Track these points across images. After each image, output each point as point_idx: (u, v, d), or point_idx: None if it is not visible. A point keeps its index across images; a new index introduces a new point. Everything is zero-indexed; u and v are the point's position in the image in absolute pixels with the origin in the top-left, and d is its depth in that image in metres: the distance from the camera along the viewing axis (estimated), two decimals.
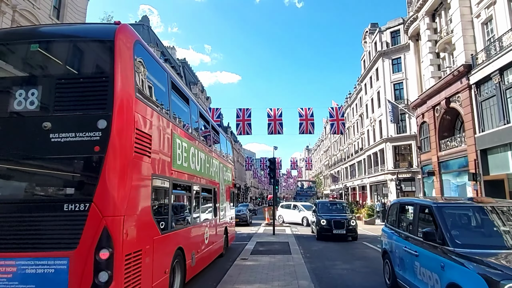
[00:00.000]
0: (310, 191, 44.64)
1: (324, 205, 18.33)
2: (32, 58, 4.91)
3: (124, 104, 4.40)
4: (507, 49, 16.75)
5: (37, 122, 4.28)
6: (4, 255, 4.00)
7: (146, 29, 42.29)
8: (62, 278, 3.92)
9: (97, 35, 5.03)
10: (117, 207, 4.16)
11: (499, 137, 17.83)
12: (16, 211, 4.25)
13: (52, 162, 4.38)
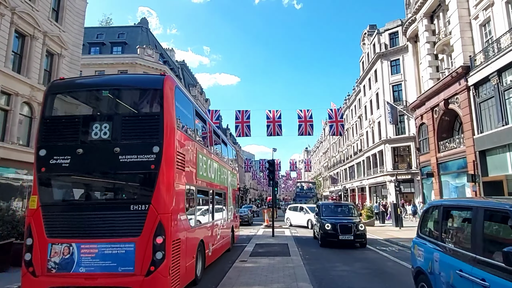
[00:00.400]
0: (310, 192, 43.46)
1: (328, 207, 16.43)
2: (104, 101, 6.80)
3: (169, 134, 6.13)
4: (505, 51, 16.79)
5: (110, 147, 6.01)
6: (89, 241, 5.68)
7: (145, 31, 42.30)
8: (130, 257, 5.58)
9: (149, 85, 6.91)
10: (167, 207, 5.92)
11: (497, 138, 17.85)
12: (98, 209, 6.07)
13: (121, 176, 6.29)
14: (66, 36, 18.92)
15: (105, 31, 41.67)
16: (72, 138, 6.26)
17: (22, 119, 16.33)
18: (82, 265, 5.64)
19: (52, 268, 5.68)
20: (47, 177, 6.20)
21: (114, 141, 6.08)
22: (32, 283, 5.68)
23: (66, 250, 5.71)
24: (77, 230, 5.85)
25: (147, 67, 37.65)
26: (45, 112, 6.55)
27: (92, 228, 5.83)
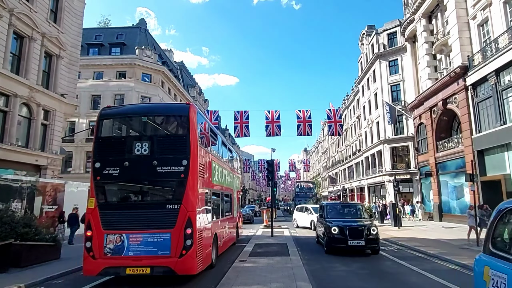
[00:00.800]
0: (309, 192, 42.89)
1: (334, 208, 14.17)
2: (143, 125, 8.80)
3: (194, 150, 7.87)
4: (503, 50, 16.86)
5: (149, 161, 7.79)
6: (135, 232, 7.42)
7: (143, 32, 42.26)
8: (167, 243, 7.33)
9: (178, 112, 9.04)
10: (194, 206, 7.68)
11: (496, 138, 17.92)
12: (141, 207, 7.99)
13: (158, 183, 8.20)
14: (64, 37, 18.91)
15: (104, 32, 41.63)
16: (120, 154, 8.08)
17: (20, 120, 16.31)
18: (130, 250, 7.37)
19: (108, 253, 7.41)
20: (101, 183, 7.95)
21: (152, 155, 7.85)
22: (92, 264, 7.43)
23: (118, 239, 7.46)
24: (126, 223, 7.60)
25: (146, 67, 37.64)
26: (98, 133, 8.42)
27: (138, 222, 7.57)
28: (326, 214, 13.21)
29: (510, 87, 17.02)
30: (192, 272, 7.47)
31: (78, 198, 17.82)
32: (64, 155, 21.93)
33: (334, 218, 12.56)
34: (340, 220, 12.21)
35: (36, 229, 9.71)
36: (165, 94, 41.01)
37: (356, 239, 11.09)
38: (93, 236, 7.49)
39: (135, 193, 8.42)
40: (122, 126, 9.24)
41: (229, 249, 12.35)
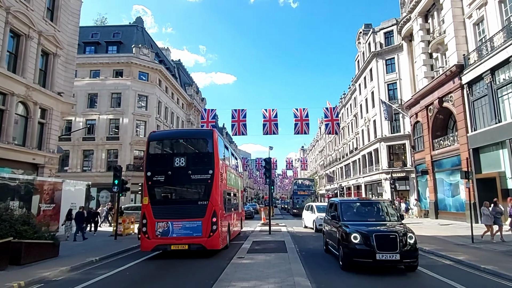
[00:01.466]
0: (308, 190, 40.69)
1: (350, 206, 10.20)
2: (180, 145, 12.46)
3: (216, 164, 11.29)
4: (498, 49, 17.00)
5: (185, 170, 11.12)
6: (177, 220, 10.70)
7: (140, 30, 42.15)
8: (199, 228, 10.64)
9: (205, 135, 12.43)
10: (217, 202, 11.05)
11: (491, 136, 18.08)
12: (181, 203, 11.33)
13: (192, 186, 11.55)
14: (61, 36, 18.87)
15: (100, 30, 41.49)
16: (164, 166, 11.40)
17: (17, 119, 16.29)
18: (174, 233, 10.73)
19: (158, 235, 10.74)
20: (152, 187, 11.25)
21: (188, 167, 11.21)
22: (147, 242, 10.71)
23: (165, 225, 10.79)
24: (170, 215, 10.90)
25: (143, 66, 37.57)
26: (148, 150, 11.86)
27: (179, 213, 10.89)
28: (341, 214, 9.60)
29: (505, 86, 17.17)
30: (217, 247, 10.92)
31: (75, 196, 17.85)
32: (61, 154, 21.89)
33: (353, 221, 9.12)
34: (362, 224, 8.80)
35: (34, 227, 9.75)
36: (162, 93, 40.98)
37: (388, 252, 7.77)
38: (147, 224, 10.85)
39: (176, 193, 11.98)
40: (165, 145, 12.54)
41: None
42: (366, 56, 41.31)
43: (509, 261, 8.69)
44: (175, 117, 46.52)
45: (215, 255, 11.00)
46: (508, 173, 16.85)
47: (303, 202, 35.13)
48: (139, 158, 35.94)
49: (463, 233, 14.46)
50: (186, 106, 52.48)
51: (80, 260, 9.82)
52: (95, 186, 29.93)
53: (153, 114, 37.69)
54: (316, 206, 20.53)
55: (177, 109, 47.44)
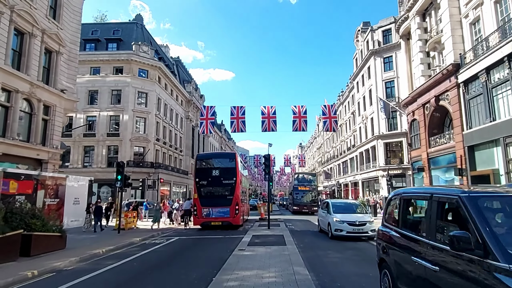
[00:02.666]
0: (309, 185, 36.83)
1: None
2: (215, 162, 20.77)
3: (238, 174, 19.63)
4: (493, 49, 17.36)
5: (219, 178, 19.27)
6: (216, 207, 18.61)
7: (140, 27, 42.33)
8: (228, 212, 18.56)
9: (231, 156, 21.95)
10: (238, 196, 19.15)
11: (485, 134, 18.49)
12: (217, 197, 18.93)
13: (224, 187, 19.15)
14: (63, 34, 19.14)
15: (100, 27, 41.65)
16: (206, 174, 19.25)
17: (22, 116, 16.59)
18: (213, 215, 18.33)
19: (203, 216, 18.39)
20: (199, 187, 18.79)
21: (220, 175, 19.08)
22: (197, 220, 18.74)
23: (208, 210, 18.39)
24: (211, 204, 18.43)
25: (143, 63, 37.81)
26: (196, 165, 20.39)
27: (216, 203, 18.39)
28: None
29: (499, 85, 17.57)
30: (238, 223, 18.81)
31: (78, 192, 18.19)
32: (65, 150, 22.22)
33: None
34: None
35: (43, 220, 10.11)
36: (162, 90, 41.24)
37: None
38: (197, 209, 18.49)
39: (214, 191, 19.00)
40: (207, 162, 20.76)
41: (228, 239, 13.18)
42: (364, 54, 41.65)
43: None
44: (174, 114, 46.80)
45: (219, 247, 11.38)
46: (502, 170, 17.28)
47: (303, 198, 34.90)
48: (139, 154, 36.27)
49: None
50: (185, 103, 52.73)
51: (87, 251, 10.20)
52: (96, 181, 30.20)
53: (153, 111, 37.99)
54: (333, 204, 15.87)
55: (176, 106, 47.70)
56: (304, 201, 34.83)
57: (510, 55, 16.32)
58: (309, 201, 34.79)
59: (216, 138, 77.72)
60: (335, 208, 15.13)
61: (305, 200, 34.91)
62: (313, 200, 35.00)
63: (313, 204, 33.95)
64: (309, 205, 34.06)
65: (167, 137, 43.17)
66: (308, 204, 34.23)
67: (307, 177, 39.58)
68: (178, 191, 47.20)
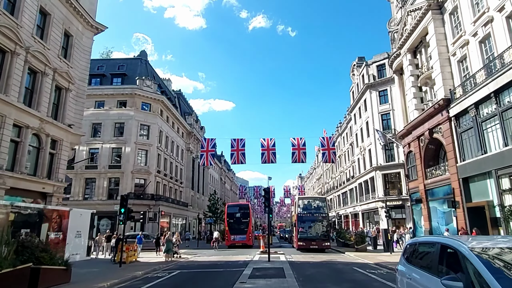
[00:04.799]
0: (318, 212, 28.70)
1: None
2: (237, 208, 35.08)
3: (251, 216, 34.11)
4: (480, 86, 18.31)
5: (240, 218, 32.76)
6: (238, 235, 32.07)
7: (144, 63, 44.01)
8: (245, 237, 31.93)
9: (246, 206, 35.71)
10: (250, 229, 33.23)
11: (478, 166, 19.05)
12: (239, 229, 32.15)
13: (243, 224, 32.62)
14: (73, 72, 20.17)
15: (106, 63, 43.33)
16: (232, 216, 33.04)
17: (30, 150, 17.20)
18: (236, 239, 31.41)
19: (231, 239, 31.46)
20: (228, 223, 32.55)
21: (240, 216, 32.51)
22: (228, 242, 31.47)
23: (233, 236, 31.55)
24: (235, 232, 31.66)
25: (146, 97, 39.02)
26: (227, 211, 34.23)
27: (238, 232, 31.69)
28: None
29: (488, 119, 18.38)
30: (250, 243, 32.00)
31: (81, 224, 18.43)
32: (69, 183, 22.66)
33: None
34: None
35: (51, 253, 10.43)
36: (164, 122, 42.22)
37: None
38: (228, 236, 31.48)
39: (236, 225, 31.65)
40: (232, 209, 33.74)
41: (230, 272, 13.45)
42: (360, 87, 43.04)
43: None
44: (175, 146, 47.54)
45: (221, 280, 11.62)
46: (496, 201, 17.70)
47: (310, 230, 27.04)
48: (140, 186, 36.57)
49: None
50: (186, 135, 53.64)
51: (92, 285, 10.44)
52: (96, 214, 30.32)
53: (155, 143, 38.73)
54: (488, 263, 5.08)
55: (177, 138, 48.54)
56: (312, 233, 26.87)
57: (497, 91, 17.23)
58: (319, 234, 26.69)
59: (216, 169, 78.10)
60: None
61: (313, 233, 26.84)
62: (324, 233, 26.96)
63: (324, 238, 26.56)
64: (319, 240, 26.29)
65: (168, 169, 43.64)
66: (318, 239, 26.37)
67: (315, 202, 30.75)
68: (178, 223, 47.01)
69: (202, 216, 51.74)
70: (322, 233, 26.72)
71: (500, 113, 17.29)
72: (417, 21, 25.23)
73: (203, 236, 47.66)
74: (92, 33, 21.90)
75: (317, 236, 26.48)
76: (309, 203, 30.17)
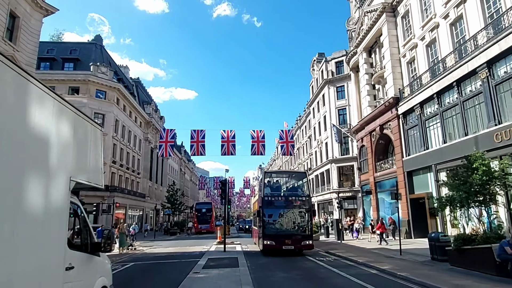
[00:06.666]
0: (295, 195, 18.18)
1: None
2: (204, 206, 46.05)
3: (213, 210, 46.55)
4: (425, 87, 19.73)
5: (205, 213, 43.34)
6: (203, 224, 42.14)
7: (99, 48, 42.11)
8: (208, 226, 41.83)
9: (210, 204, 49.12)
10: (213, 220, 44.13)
11: (420, 161, 20.63)
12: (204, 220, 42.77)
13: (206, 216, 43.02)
14: (20, 56, 18.98)
15: (57, 46, 40.89)
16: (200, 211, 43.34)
17: None
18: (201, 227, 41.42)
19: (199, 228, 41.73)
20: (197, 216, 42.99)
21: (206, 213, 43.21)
22: (197, 229, 41.63)
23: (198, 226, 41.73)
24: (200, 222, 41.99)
25: (101, 84, 37.46)
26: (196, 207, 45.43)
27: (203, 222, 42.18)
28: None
29: (430, 118, 19.91)
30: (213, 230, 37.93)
31: None
32: None
33: None
34: None
35: None
36: (120, 111, 40.85)
37: None
38: (195, 225, 42.09)
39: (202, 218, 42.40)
40: (200, 206, 45.67)
41: (184, 263, 13.51)
42: (320, 83, 44.33)
43: (421, 269, 10.45)
44: (133, 136, 46.24)
45: (175, 271, 11.77)
46: (434, 193, 19.31)
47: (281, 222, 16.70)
48: None
49: (396, 247, 16.34)
50: (144, 125, 52.29)
51: None
52: None
53: (110, 133, 37.42)
54: None
55: (135, 128, 47.21)
56: (285, 227, 16.63)
57: (439, 92, 18.67)
58: (296, 227, 16.79)
59: (176, 160, 77.00)
60: None
61: (288, 225, 16.71)
62: (304, 226, 16.82)
63: (304, 234, 16.61)
64: (297, 237, 16.34)
65: (124, 160, 42.42)
66: (295, 234, 16.44)
67: (290, 179, 21.36)
68: (134, 214, 46.02)
69: (160, 207, 51.02)
70: (302, 226, 16.68)
71: (441, 112, 18.79)
72: (373, 22, 26.43)
73: (159, 227, 47.13)
74: (41, 15, 20.67)
75: (293, 230, 16.53)
76: (280, 181, 20.78)
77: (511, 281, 8.21)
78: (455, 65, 16.96)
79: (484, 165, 10.29)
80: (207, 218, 42.37)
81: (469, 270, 9.73)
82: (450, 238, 11.84)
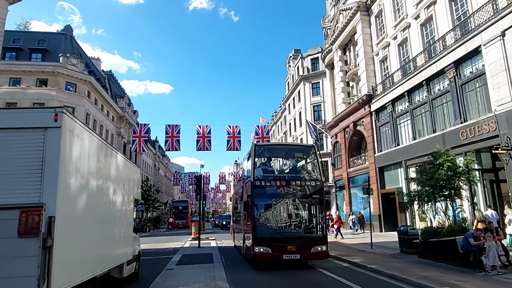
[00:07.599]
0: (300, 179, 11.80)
1: None
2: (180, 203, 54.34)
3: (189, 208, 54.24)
4: (396, 85, 20.30)
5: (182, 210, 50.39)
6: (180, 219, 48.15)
7: (69, 39, 40.47)
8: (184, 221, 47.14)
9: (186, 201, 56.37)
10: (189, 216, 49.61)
11: (391, 157, 21.28)
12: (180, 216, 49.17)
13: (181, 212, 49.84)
14: None
15: (24, 36, 38.96)
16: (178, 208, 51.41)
17: None
18: (180, 223, 47.51)
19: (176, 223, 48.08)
20: (175, 213, 50.02)
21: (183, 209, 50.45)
22: (173, 225, 48.01)
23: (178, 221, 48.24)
24: (178, 218, 48.55)
25: (70, 76, 36.04)
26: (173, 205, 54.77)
27: (180, 217, 48.32)
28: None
29: (401, 115, 20.56)
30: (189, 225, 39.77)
31: None
32: None
33: None
34: None
35: None
36: (91, 105, 39.55)
37: None
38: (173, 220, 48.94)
39: (179, 214, 48.79)
40: (178, 203, 54.99)
41: (158, 260, 13.30)
42: (295, 79, 44.70)
43: (390, 261, 10.83)
44: (104, 130, 44.92)
45: (148, 267, 11.54)
46: (404, 188, 19.99)
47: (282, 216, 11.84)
48: None
49: (368, 241, 16.83)
50: (117, 119, 50.92)
51: None
52: None
53: None
54: None
55: (106, 122, 45.87)
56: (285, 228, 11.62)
57: (409, 91, 19.27)
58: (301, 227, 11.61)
59: (150, 155, 75.60)
60: None
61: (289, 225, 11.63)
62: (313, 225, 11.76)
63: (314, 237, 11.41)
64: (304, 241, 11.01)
65: None
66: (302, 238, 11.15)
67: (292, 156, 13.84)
68: None
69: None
70: (311, 225, 11.72)
71: (411, 110, 19.43)
72: (348, 20, 26.86)
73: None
74: (7, 2, 19.58)
75: (299, 231, 11.54)
76: (278, 159, 14.67)
77: (473, 272, 8.66)
78: (425, 65, 17.56)
79: (449, 161, 10.75)
80: (183, 215, 47.95)
81: (436, 262, 10.19)
82: (418, 231, 12.33)
